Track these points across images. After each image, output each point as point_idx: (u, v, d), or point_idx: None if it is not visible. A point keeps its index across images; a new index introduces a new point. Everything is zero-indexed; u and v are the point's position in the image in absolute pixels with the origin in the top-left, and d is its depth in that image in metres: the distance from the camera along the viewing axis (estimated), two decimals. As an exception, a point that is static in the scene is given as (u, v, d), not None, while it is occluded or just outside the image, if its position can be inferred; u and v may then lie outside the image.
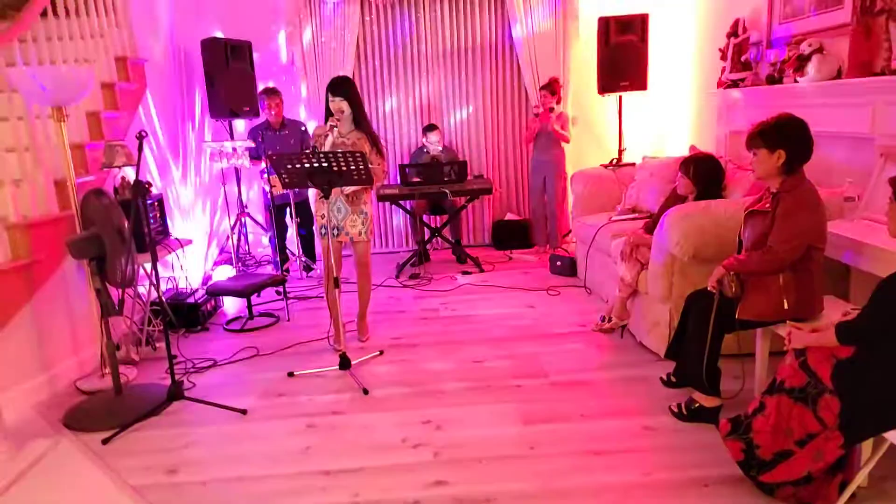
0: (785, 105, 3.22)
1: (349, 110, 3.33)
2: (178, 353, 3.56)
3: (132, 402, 2.96)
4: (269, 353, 3.58)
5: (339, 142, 3.32)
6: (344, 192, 3.35)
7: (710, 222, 2.89)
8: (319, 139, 3.34)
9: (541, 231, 5.46)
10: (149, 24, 4.51)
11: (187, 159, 4.91)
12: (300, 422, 2.76)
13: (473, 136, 5.82)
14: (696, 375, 2.51)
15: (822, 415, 1.86)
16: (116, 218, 2.88)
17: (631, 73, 5.07)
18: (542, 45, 5.50)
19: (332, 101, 3.30)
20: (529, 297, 4.34)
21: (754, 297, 2.38)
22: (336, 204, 3.39)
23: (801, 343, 1.96)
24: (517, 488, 2.21)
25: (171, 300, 4.00)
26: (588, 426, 2.60)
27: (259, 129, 4.92)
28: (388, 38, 5.60)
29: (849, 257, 2.56)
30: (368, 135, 3.39)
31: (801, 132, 2.29)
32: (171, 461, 2.51)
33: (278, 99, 4.87)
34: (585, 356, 3.31)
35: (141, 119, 4.23)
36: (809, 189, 2.31)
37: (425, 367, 3.28)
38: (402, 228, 5.97)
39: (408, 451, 2.49)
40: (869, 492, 2.04)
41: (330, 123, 3.30)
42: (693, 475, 2.21)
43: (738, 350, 2.63)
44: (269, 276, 4.20)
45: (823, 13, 3.52)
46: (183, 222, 4.66)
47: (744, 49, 4.14)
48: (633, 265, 3.36)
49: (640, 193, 4.26)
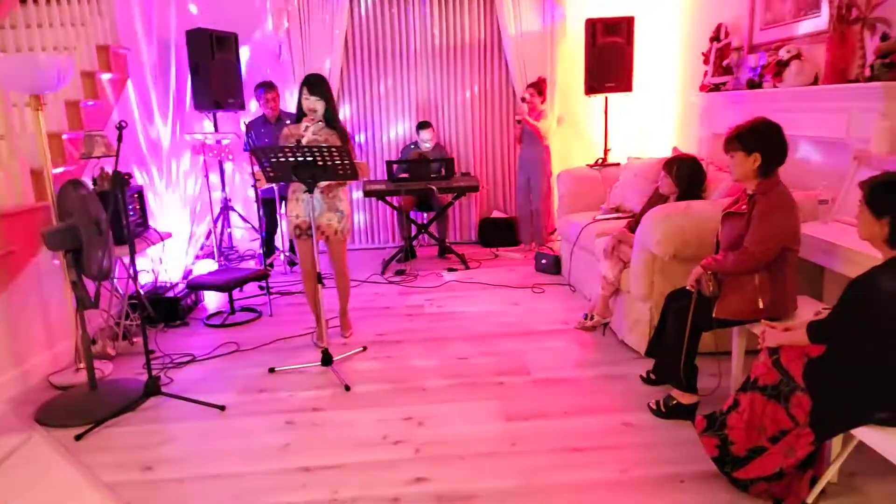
0: (764, 109, 3.28)
1: (322, 110, 3.27)
2: (156, 348, 3.53)
3: (107, 397, 2.91)
4: (250, 348, 3.55)
5: (312, 139, 3.27)
6: (319, 186, 3.30)
7: (690, 223, 2.93)
8: (289, 139, 3.25)
9: (527, 229, 5.49)
10: (132, 14, 4.45)
11: (169, 151, 4.85)
12: (280, 418, 2.75)
13: (461, 133, 5.83)
14: (674, 373, 2.55)
15: (794, 412, 1.90)
16: (94, 209, 2.83)
17: (617, 75, 5.12)
18: (530, 44, 5.53)
19: (308, 98, 3.23)
20: (514, 294, 4.36)
21: (731, 296, 2.42)
22: (311, 201, 3.33)
23: (774, 342, 2.00)
24: (498, 485, 2.22)
25: (149, 294, 3.95)
26: (569, 423, 2.62)
27: (255, 124, 4.89)
28: (377, 34, 5.58)
29: (822, 258, 2.61)
30: (340, 133, 3.32)
31: (776, 136, 2.33)
32: (146, 458, 2.48)
33: (275, 93, 4.85)
34: (568, 354, 3.34)
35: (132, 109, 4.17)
36: (784, 192, 2.36)
37: (409, 363, 3.28)
38: (389, 224, 5.96)
39: (389, 448, 2.48)
40: (838, 487, 2.09)
41: (305, 123, 3.28)
42: (670, 471, 2.24)
43: (716, 348, 2.67)
44: (252, 270, 4.17)
45: (802, 20, 3.58)
46: (164, 215, 4.60)
47: (725, 54, 4.19)
48: (616, 263, 3.39)
49: (624, 193, 4.30)
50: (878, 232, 1.79)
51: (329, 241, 3.43)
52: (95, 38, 3.96)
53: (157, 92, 4.76)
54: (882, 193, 1.79)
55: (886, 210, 1.76)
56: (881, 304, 1.71)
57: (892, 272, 1.74)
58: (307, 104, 3.24)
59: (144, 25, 4.62)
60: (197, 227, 5.21)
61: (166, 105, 4.90)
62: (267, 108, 4.83)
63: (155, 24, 4.81)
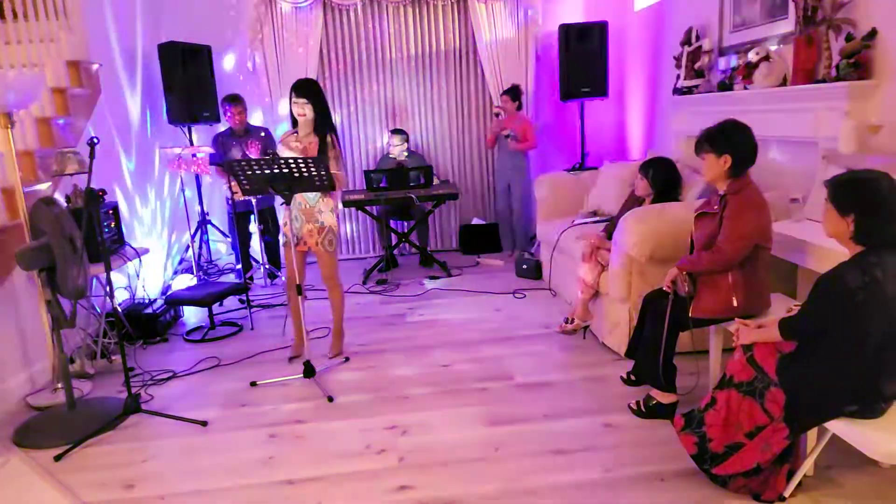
0: (736, 111, 3.34)
1: (312, 114, 3.22)
2: (136, 365, 3.48)
3: (86, 416, 2.87)
4: (231, 362, 3.52)
5: (294, 146, 3.25)
6: (296, 199, 3.26)
7: (666, 224, 2.97)
8: (283, 146, 3.26)
9: (508, 235, 5.52)
10: (104, 29, 4.41)
11: (144, 166, 4.80)
12: (263, 432, 2.73)
13: (439, 141, 5.86)
14: (653, 373, 2.58)
15: (769, 407, 1.94)
16: (68, 227, 2.80)
17: (591, 80, 5.18)
18: (505, 52, 5.58)
19: (296, 102, 3.19)
20: (496, 300, 4.37)
21: (706, 295, 2.46)
22: (294, 212, 3.29)
23: (747, 339, 2.04)
24: (482, 490, 2.23)
25: (128, 311, 3.90)
26: (551, 426, 2.64)
27: (222, 137, 4.86)
28: (352, 44, 5.60)
29: (794, 256, 2.67)
30: (323, 140, 3.24)
31: (745, 137, 2.38)
32: (127, 476, 2.45)
33: (241, 106, 4.81)
34: (549, 357, 3.36)
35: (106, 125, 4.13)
36: (754, 191, 2.40)
37: (391, 372, 3.28)
38: (369, 234, 5.96)
39: (372, 458, 2.48)
40: (815, 480, 2.13)
41: (296, 130, 3.26)
42: (651, 470, 2.27)
43: (693, 347, 2.71)
44: (231, 284, 4.14)
45: (770, 23, 3.66)
46: (140, 231, 4.56)
47: (697, 57, 4.27)
48: (594, 267, 3.43)
49: (602, 197, 4.35)
50: (843, 229, 1.83)
51: (316, 252, 3.38)
52: (66, 53, 3.91)
53: (131, 106, 4.73)
54: (846, 191, 1.84)
55: (850, 207, 1.81)
56: (848, 299, 1.75)
57: (858, 267, 1.78)
58: (296, 108, 3.20)
59: (116, 40, 4.58)
60: (175, 242, 5.16)
61: (141, 120, 4.86)
62: (233, 120, 4.79)
63: (127, 38, 4.77)
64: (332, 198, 3.35)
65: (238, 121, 4.79)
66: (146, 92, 4.96)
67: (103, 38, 4.38)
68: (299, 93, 3.19)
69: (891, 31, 2.78)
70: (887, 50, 2.80)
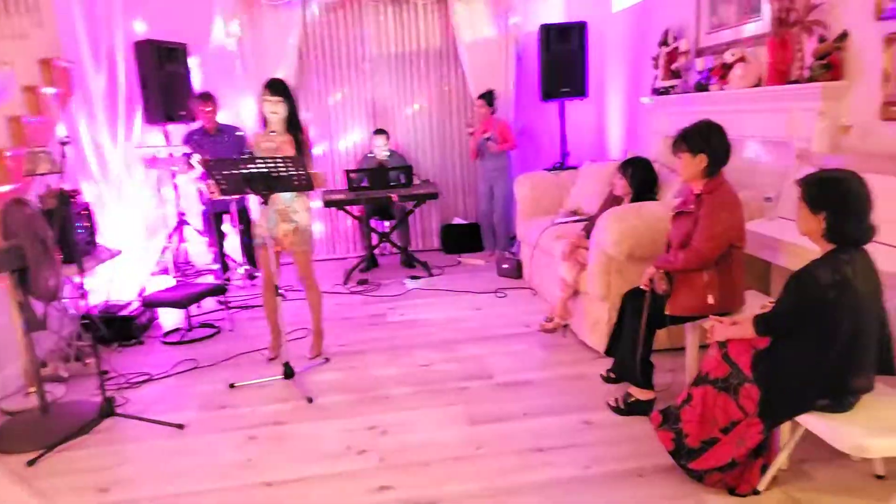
0: (712, 111, 3.38)
1: (284, 113, 3.20)
2: (111, 368, 3.43)
3: (60, 421, 2.82)
4: (209, 364, 3.48)
5: (266, 146, 3.19)
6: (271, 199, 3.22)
7: (643, 223, 3.00)
8: (256, 147, 3.20)
9: (489, 234, 5.53)
10: (77, 26, 4.33)
11: (119, 166, 4.72)
12: (241, 434, 2.70)
13: (420, 140, 5.85)
14: (631, 370, 2.61)
15: (743, 403, 1.97)
16: (40, 228, 2.74)
17: (571, 80, 5.22)
18: (485, 52, 5.59)
19: (268, 100, 3.16)
20: (477, 299, 4.38)
21: (682, 293, 2.50)
22: (269, 212, 3.25)
23: (722, 336, 2.07)
24: (463, 489, 2.23)
25: (103, 313, 3.83)
26: (532, 424, 2.65)
27: (195, 135, 4.79)
28: (331, 42, 5.56)
29: (768, 254, 2.71)
30: (297, 139, 3.23)
31: (719, 137, 2.41)
32: (102, 480, 2.41)
33: (211, 104, 4.72)
34: (530, 356, 3.37)
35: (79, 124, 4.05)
36: (729, 191, 2.44)
37: (372, 373, 3.27)
38: (350, 234, 5.92)
39: (353, 458, 2.47)
40: (788, 474, 2.17)
41: (269, 130, 3.23)
42: (629, 466, 2.29)
43: (670, 345, 2.75)
44: (209, 285, 4.09)
45: (745, 24, 3.71)
46: (115, 231, 4.48)
47: (674, 58, 4.32)
48: (574, 266, 3.45)
49: (582, 196, 4.38)
50: (815, 227, 1.87)
51: (292, 252, 3.35)
52: (37, 51, 3.84)
53: (106, 105, 4.64)
54: (818, 190, 1.87)
55: (822, 206, 1.84)
56: (819, 295, 1.79)
57: (829, 265, 1.81)
58: (268, 107, 3.16)
59: (90, 38, 4.50)
60: (151, 242, 5.08)
61: (115, 119, 4.78)
62: (204, 119, 4.72)
63: (101, 36, 4.69)
64: (307, 197, 3.32)
65: (208, 119, 4.71)
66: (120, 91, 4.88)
67: (76, 35, 4.30)
68: (273, 91, 3.16)
69: (861, 34, 2.84)
70: (858, 52, 2.87)
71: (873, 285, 1.85)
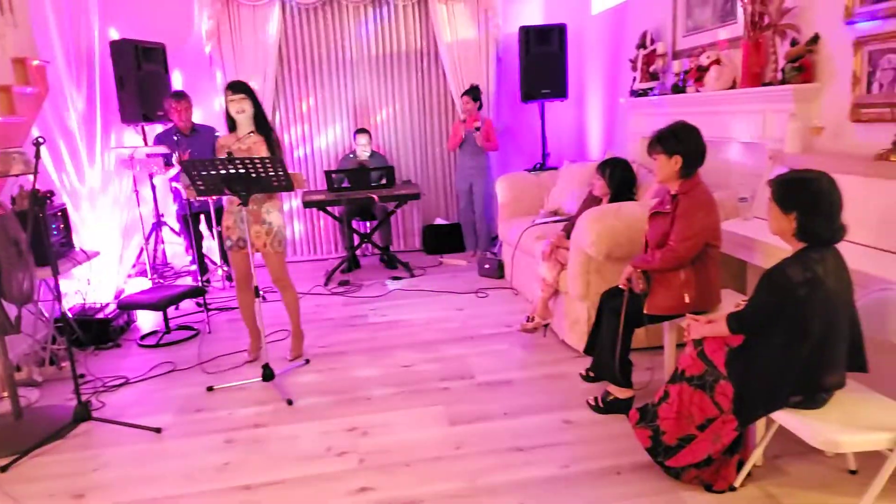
0: (689, 113, 3.43)
1: (251, 110, 3.15)
2: (87, 372, 3.38)
3: (34, 425, 2.77)
4: (186, 367, 3.44)
5: (235, 147, 3.14)
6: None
7: (622, 223, 3.03)
8: (221, 151, 3.14)
9: (470, 235, 5.54)
10: (53, 25, 4.26)
11: (95, 167, 4.65)
12: (219, 437, 2.67)
13: (401, 141, 5.84)
14: (610, 369, 2.63)
15: (719, 400, 2.00)
16: (13, 230, 2.70)
17: (551, 82, 5.25)
18: (465, 52, 5.61)
19: (233, 99, 3.11)
20: (459, 300, 4.39)
21: (659, 292, 2.52)
22: (240, 213, 3.20)
23: (698, 334, 2.09)
24: (443, 489, 2.23)
25: (78, 316, 3.77)
26: (512, 423, 2.66)
27: (170, 134, 4.72)
28: (311, 43, 5.54)
29: (743, 253, 2.76)
30: (268, 139, 3.20)
31: (695, 139, 2.45)
32: (77, 486, 2.37)
33: (186, 103, 4.62)
34: (511, 356, 3.39)
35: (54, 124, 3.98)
36: (704, 191, 2.48)
37: (353, 374, 3.26)
38: (331, 235, 5.90)
39: (332, 460, 2.46)
40: (764, 469, 2.20)
41: (239, 132, 3.19)
42: (607, 464, 2.31)
43: (649, 343, 2.78)
44: (187, 287, 4.04)
45: (721, 27, 3.77)
46: (92, 233, 4.41)
47: (651, 60, 4.37)
48: (554, 266, 3.47)
49: (562, 197, 4.41)
50: (786, 226, 1.90)
51: (264, 254, 3.30)
52: (11, 50, 3.76)
53: (82, 105, 4.57)
54: (788, 190, 1.90)
55: (793, 205, 1.88)
56: (791, 294, 1.82)
57: (800, 264, 1.84)
58: (233, 106, 3.12)
59: (65, 37, 4.43)
60: (128, 244, 5.01)
61: (91, 119, 4.71)
62: (178, 118, 4.65)
63: (77, 35, 4.62)
64: (278, 198, 3.30)
65: (182, 118, 4.64)
66: (97, 90, 4.81)
67: (51, 34, 4.23)
68: (235, 90, 3.12)
69: (831, 37, 2.90)
70: (829, 55, 2.92)
71: (844, 284, 1.88)
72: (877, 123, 2.66)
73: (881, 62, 2.65)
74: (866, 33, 2.70)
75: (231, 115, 3.16)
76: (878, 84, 2.68)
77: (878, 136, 2.60)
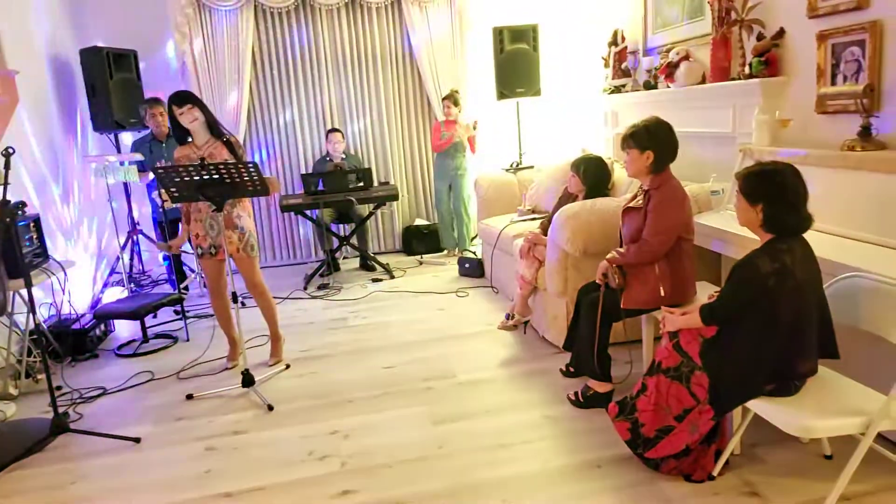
0: (661, 108, 3.49)
1: (202, 117, 3.11)
2: (64, 384, 3.33)
3: (10, 439, 2.73)
4: (165, 376, 3.40)
5: (196, 157, 3.11)
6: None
7: (597, 219, 3.07)
8: (181, 161, 3.11)
9: (449, 235, 5.56)
10: (21, 35, 4.17)
11: (68, 176, 4.58)
12: (199, 445, 2.65)
13: (378, 143, 5.83)
14: (589, 363, 2.66)
15: (695, 390, 2.03)
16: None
17: (526, 80, 5.28)
18: (440, 53, 5.61)
19: (181, 111, 3.05)
20: (439, 300, 4.39)
21: (635, 287, 2.56)
22: (209, 220, 3.18)
23: (673, 326, 2.12)
24: (426, 489, 2.24)
25: (54, 327, 3.71)
26: (494, 421, 2.67)
27: (145, 141, 4.66)
28: (285, 47, 5.50)
29: (717, 245, 2.80)
30: (227, 143, 3.16)
31: (666, 134, 2.48)
32: (56, 499, 2.33)
33: (161, 108, 4.58)
34: (492, 354, 3.40)
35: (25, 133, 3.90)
36: (676, 186, 2.51)
37: (334, 377, 3.25)
38: (310, 239, 5.87)
39: (314, 464, 2.45)
40: (741, 458, 2.24)
41: (190, 140, 3.15)
42: (588, 458, 2.33)
43: (626, 337, 2.81)
44: (164, 295, 3.99)
45: (690, 24, 3.83)
46: (66, 244, 4.34)
47: (623, 57, 4.42)
48: (532, 263, 3.49)
49: (539, 194, 4.44)
50: (753, 218, 1.94)
51: (237, 259, 3.27)
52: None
53: (54, 114, 4.49)
54: (754, 182, 1.94)
55: (759, 197, 1.92)
56: (760, 284, 1.85)
57: (768, 254, 1.88)
58: (185, 118, 3.06)
59: (35, 45, 4.35)
60: (104, 253, 4.94)
61: (63, 128, 4.63)
62: (153, 124, 4.59)
63: (47, 43, 4.54)
64: (249, 203, 3.28)
65: (157, 123, 4.58)
66: (68, 99, 4.74)
67: (21, 43, 4.14)
68: (182, 100, 3.06)
69: (796, 31, 2.96)
70: (794, 49, 2.99)
71: (812, 272, 1.92)
72: (842, 114, 2.73)
73: (844, 55, 2.71)
74: (829, 27, 2.76)
75: (184, 126, 3.10)
76: (843, 76, 2.74)
77: (843, 127, 2.67)
